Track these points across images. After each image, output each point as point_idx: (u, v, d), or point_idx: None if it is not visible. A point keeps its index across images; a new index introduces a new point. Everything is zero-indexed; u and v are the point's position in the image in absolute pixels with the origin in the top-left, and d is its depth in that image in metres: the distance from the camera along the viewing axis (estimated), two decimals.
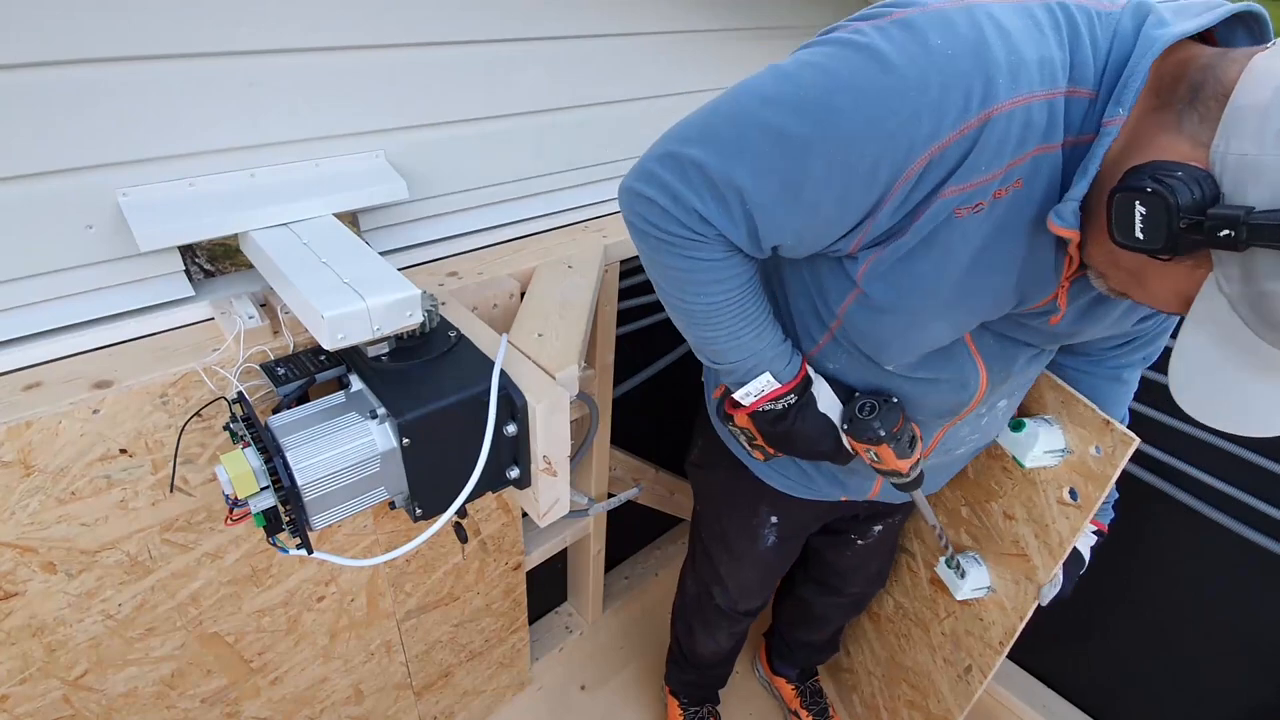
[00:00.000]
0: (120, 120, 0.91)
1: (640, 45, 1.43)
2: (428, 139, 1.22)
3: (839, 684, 2.16)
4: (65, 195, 0.91)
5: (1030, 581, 1.37)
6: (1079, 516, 1.23)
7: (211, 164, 1.01)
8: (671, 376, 1.98)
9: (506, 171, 1.37)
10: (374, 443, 0.91)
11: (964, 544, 1.53)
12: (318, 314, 0.86)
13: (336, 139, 1.12)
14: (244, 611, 1.22)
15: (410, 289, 0.92)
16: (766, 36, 1.65)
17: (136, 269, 1.01)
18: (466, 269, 1.32)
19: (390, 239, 1.27)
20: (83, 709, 1.11)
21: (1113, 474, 1.15)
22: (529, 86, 1.31)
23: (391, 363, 0.97)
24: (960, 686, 1.60)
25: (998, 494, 1.41)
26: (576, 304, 1.25)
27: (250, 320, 1.02)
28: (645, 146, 0.89)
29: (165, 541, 1.06)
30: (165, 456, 0.99)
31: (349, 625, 1.41)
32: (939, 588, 1.62)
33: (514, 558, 1.66)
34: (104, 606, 1.05)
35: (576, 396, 1.10)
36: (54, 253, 0.94)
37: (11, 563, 0.93)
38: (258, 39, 0.97)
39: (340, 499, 0.92)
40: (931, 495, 1.61)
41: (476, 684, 1.86)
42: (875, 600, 1.89)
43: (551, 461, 1.00)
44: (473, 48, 1.20)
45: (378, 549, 1.34)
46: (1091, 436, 1.18)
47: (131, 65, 0.90)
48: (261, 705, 1.36)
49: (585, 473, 1.82)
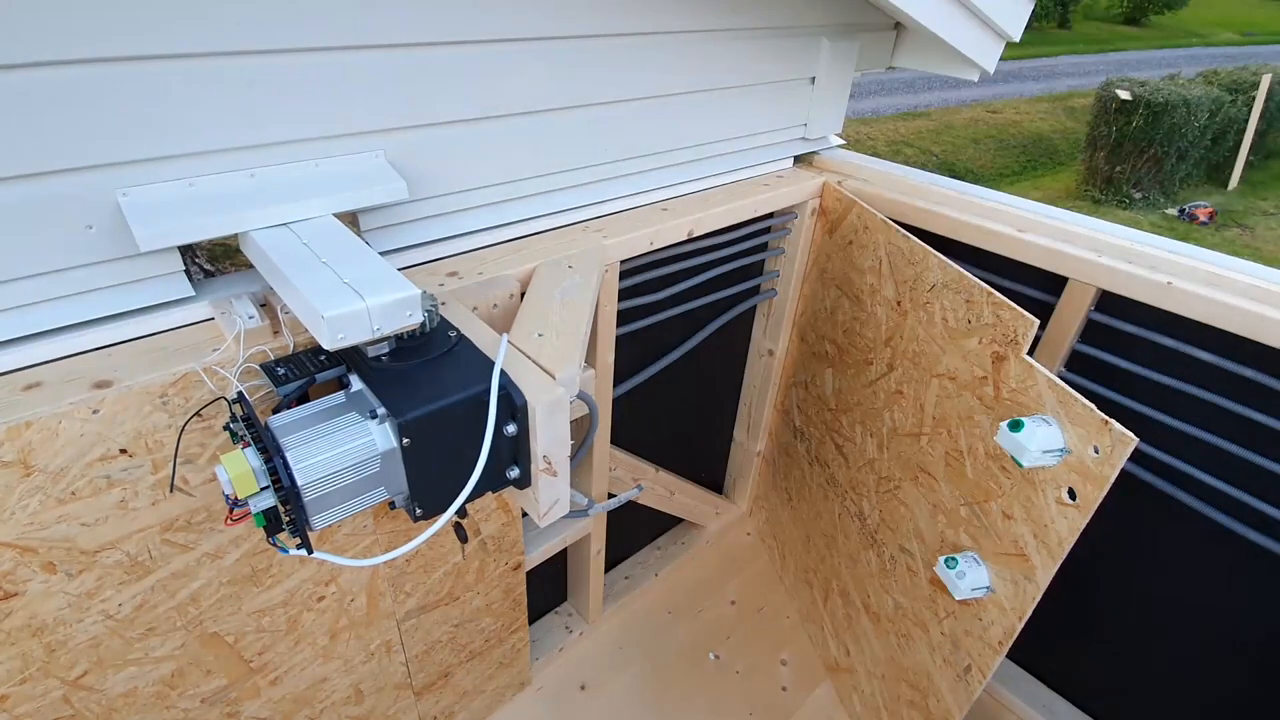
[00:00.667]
0: (120, 120, 0.91)
1: (640, 46, 1.43)
2: (428, 139, 1.23)
3: (839, 684, 2.16)
4: (65, 195, 0.92)
5: (1029, 581, 1.37)
6: (1078, 516, 1.23)
7: (211, 164, 1.01)
8: (672, 376, 1.98)
9: (506, 171, 1.37)
10: (374, 443, 0.91)
11: (963, 544, 1.53)
12: (318, 314, 0.86)
13: (336, 139, 1.12)
14: (244, 611, 1.22)
15: (410, 289, 0.92)
16: (766, 37, 1.65)
17: (136, 269, 1.01)
18: (466, 269, 1.32)
19: (390, 239, 1.27)
20: (83, 709, 1.11)
21: (1111, 474, 1.16)
22: (529, 86, 1.31)
23: (391, 363, 0.97)
24: (960, 686, 1.60)
25: (996, 494, 1.42)
26: (576, 304, 1.25)
27: (250, 320, 1.02)
28: (644, 147, 0.89)
29: (165, 541, 1.06)
30: (165, 456, 0.99)
31: (349, 625, 1.41)
32: (938, 588, 1.62)
33: (514, 558, 1.66)
34: (104, 606, 1.05)
35: (576, 396, 1.10)
36: (54, 253, 0.94)
37: (11, 563, 0.93)
38: (258, 39, 0.98)
39: (340, 499, 0.92)
40: (931, 495, 1.62)
41: (476, 684, 1.86)
42: (876, 600, 1.89)
43: (551, 461, 1.00)
44: (472, 48, 1.20)
45: (378, 549, 1.34)
46: (1090, 436, 1.18)
47: (131, 65, 0.90)
48: (261, 705, 1.36)
49: (585, 473, 1.82)
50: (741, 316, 2.12)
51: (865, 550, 1.95)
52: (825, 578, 2.20)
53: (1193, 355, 1.47)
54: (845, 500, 2.02)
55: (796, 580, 2.40)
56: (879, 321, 1.77)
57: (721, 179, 1.83)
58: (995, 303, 1.38)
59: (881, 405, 1.80)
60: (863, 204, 1.78)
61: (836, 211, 1.89)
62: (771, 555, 2.57)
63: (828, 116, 1.96)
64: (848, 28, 1.83)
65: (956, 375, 1.51)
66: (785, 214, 1.95)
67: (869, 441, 1.87)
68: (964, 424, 1.50)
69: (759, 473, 2.57)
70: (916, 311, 1.62)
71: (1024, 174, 10.17)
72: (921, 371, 1.62)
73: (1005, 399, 1.38)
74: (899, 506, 1.76)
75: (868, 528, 1.92)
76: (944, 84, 12.76)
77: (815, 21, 1.74)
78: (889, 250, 1.69)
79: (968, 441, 1.50)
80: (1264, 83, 9.27)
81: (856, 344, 1.88)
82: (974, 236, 1.71)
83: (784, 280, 2.08)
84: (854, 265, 1.84)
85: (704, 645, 2.27)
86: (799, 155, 2.03)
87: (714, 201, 1.73)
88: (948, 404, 1.55)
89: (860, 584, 1.99)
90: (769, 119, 1.83)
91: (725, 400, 2.42)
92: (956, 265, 1.48)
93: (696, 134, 1.66)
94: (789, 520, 2.42)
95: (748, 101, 1.73)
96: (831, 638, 2.20)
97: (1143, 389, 1.56)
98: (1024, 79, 13.91)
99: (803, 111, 1.91)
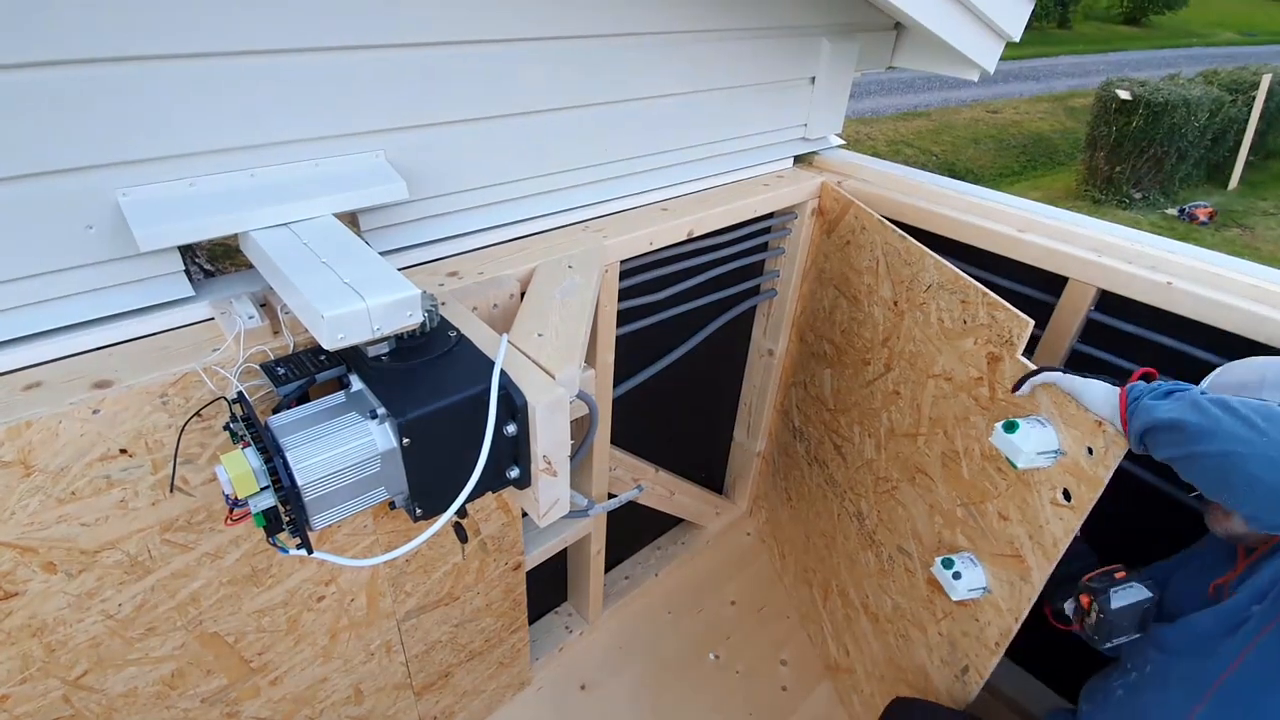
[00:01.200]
0: (120, 120, 0.91)
1: (640, 46, 1.43)
2: (428, 139, 1.23)
3: (839, 684, 2.16)
4: (65, 195, 0.92)
5: (1025, 582, 1.37)
6: (1072, 517, 1.23)
7: (211, 164, 1.01)
8: (672, 376, 1.98)
9: (506, 171, 1.37)
10: (374, 443, 0.92)
11: (960, 544, 1.53)
12: (318, 314, 0.86)
13: (336, 139, 1.12)
14: (244, 611, 1.22)
15: (410, 289, 0.92)
16: (765, 37, 1.65)
17: (137, 269, 1.01)
18: (467, 269, 1.32)
19: (390, 239, 1.27)
20: (83, 709, 1.11)
21: (1105, 475, 1.16)
22: (529, 86, 1.31)
23: (391, 363, 0.97)
24: (957, 687, 1.60)
25: (992, 494, 1.42)
26: (576, 304, 1.25)
27: (250, 320, 1.03)
28: (645, 147, 0.89)
29: (165, 541, 1.06)
30: (165, 456, 0.99)
31: (349, 625, 1.41)
32: (936, 588, 1.62)
33: (514, 558, 1.67)
34: (104, 606, 1.05)
35: (576, 396, 1.11)
36: (54, 253, 0.94)
37: (11, 563, 0.93)
38: (258, 39, 0.98)
39: (340, 499, 0.92)
40: (928, 496, 1.62)
41: (476, 684, 1.86)
42: (874, 600, 1.89)
43: (551, 461, 1.00)
44: (472, 48, 1.20)
45: (378, 549, 1.34)
46: (1084, 437, 1.18)
47: (131, 65, 0.90)
48: (261, 705, 1.37)
49: (585, 473, 1.82)
50: (741, 316, 2.12)
51: (864, 550, 1.95)
52: (825, 578, 2.20)
53: (1193, 355, 1.47)
54: (844, 500, 2.03)
55: (796, 580, 2.41)
56: (876, 322, 1.77)
57: (721, 179, 1.84)
58: (990, 303, 1.38)
59: (879, 406, 1.80)
60: (859, 204, 1.78)
61: (834, 211, 1.90)
62: (771, 555, 2.58)
63: (828, 116, 1.96)
64: (848, 28, 1.83)
65: (953, 376, 1.51)
66: (785, 214, 1.95)
67: (867, 442, 1.87)
68: (960, 425, 1.50)
69: (759, 473, 2.57)
70: (913, 312, 1.62)
71: (1024, 174, 10.17)
72: (918, 372, 1.63)
73: (1001, 400, 1.38)
74: (897, 507, 1.77)
75: (866, 528, 1.92)
76: (944, 84, 12.75)
77: (815, 21, 1.74)
78: (886, 250, 1.69)
79: (964, 442, 1.50)
80: (1264, 83, 9.27)
81: (854, 344, 1.88)
82: (974, 236, 1.71)
83: (784, 280, 2.08)
84: (852, 265, 1.84)
85: (704, 645, 2.28)
86: (799, 155, 2.03)
87: (714, 201, 1.73)
88: (944, 404, 1.55)
89: (859, 584, 2.00)
90: (769, 119, 1.83)
91: (725, 400, 2.42)
92: (952, 265, 1.48)
93: (696, 134, 1.66)
94: (789, 520, 2.42)
95: (748, 101, 1.73)
96: (831, 638, 2.20)
97: None
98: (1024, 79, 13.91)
99: (803, 111, 1.91)
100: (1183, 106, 8.25)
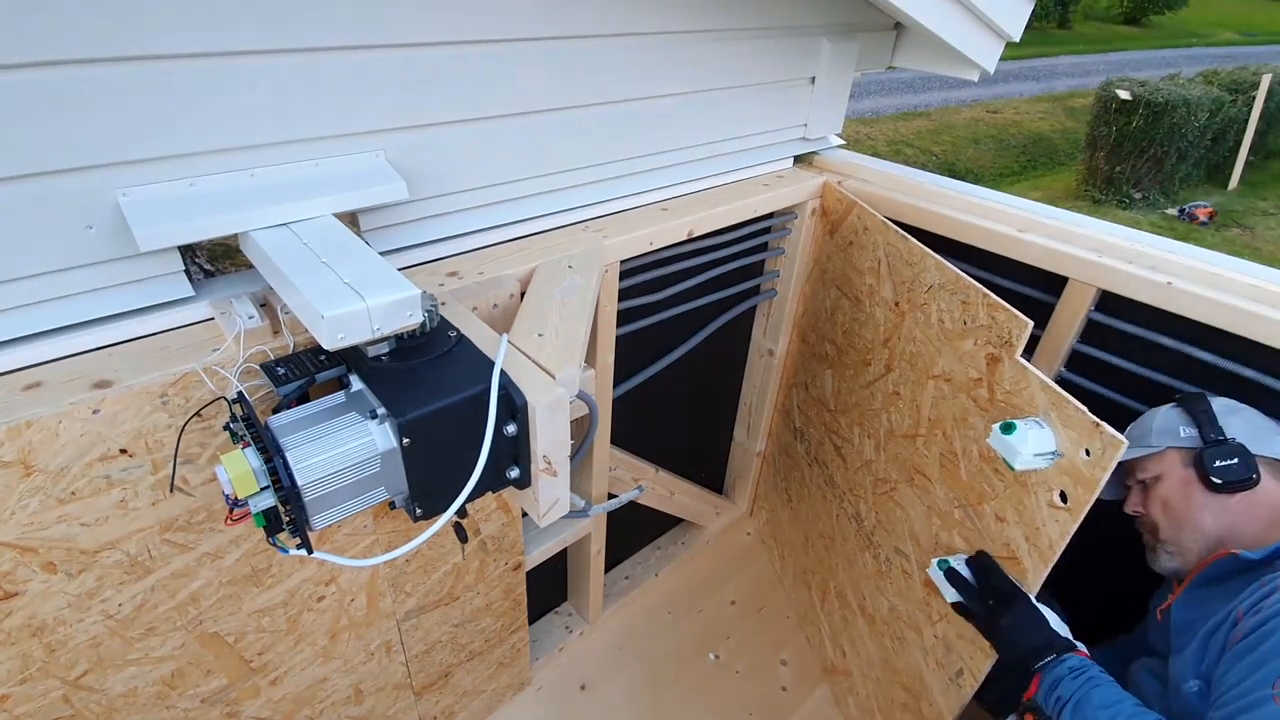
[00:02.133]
0: (120, 120, 0.91)
1: (640, 46, 1.43)
2: (428, 139, 1.23)
3: (835, 686, 2.16)
4: (65, 195, 0.92)
5: (1021, 584, 1.37)
6: (1069, 519, 1.23)
7: (211, 164, 1.01)
8: (672, 376, 1.98)
9: (506, 171, 1.37)
10: (374, 443, 0.92)
11: (957, 546, 1.53)
12: (318, 314, 0.86)
13: (336, 139, 1.12)
14: (244, 611, 1.22)
15: (410, 289, 0.92)
16: (765, 37, 1.65)
17: (136, 269, 1.01)
18: (467, 269, 1.32)
19: (390, 239, 1.27)
20: (83, 709, 1.11)
21: (1102, 476, 1.15)
22: (529, 86, 1.31)
23: (391, 363, 0.97)
24: (952, 690, 1.60)
25: (990, 496, 1.42)
26: (576, 304, 1.25)
27: (250, 320, 1.03)
28: (645, 147, 0.89)
29: (165, 541, 1.06)
30: (165, 456, 0.99)
31: (349, 625, 1.41)
32: (931, 590, 1.62)
33: (514, 558, 1.67)
34: (104, 606, 1.05)
35: (576, 396, 1.11)
36: (54, 253, 0.94)
37: (11, 563, 0.93)
38: (257, 39, 0.98)
39: (340, 499, 0.92)
40: (926, 498, 1.62)
41: (476, 684, 1.86)
42: (872, 602, 1.89)
43: (551, 461, 1.00)
44: (472, 48, 1.20)
45: (378, 549, 1.34)
46: (1081, 439, 1.18)
47: (131, 65, 0.90)
48: (261, 705, 1.37)
49: (585, 473, 1.82)
50: (742, 317, 2.12)
51: (862, 552, 1.95)
52: (823, 579, 2.20)
53: (1193, 355, 1.47)
54: (843, 501, 2.03)
55: (795, 581, 2.41)
56: (877, 322, 1.77)
57: (722, 179, 1.84)
58: (990, 304, 1.38)
59: (879, 406, 1.80)
60: (863, 204, 1.78)
61: (837, 212, 1.90)
62: (771, 555, 2.58)
63: (828, 116, 1.96)
64: (848, 28, 1.83)
65: (952, 377, 1.51)
66: (785, 214, 1.95)
67: (866, 443, 1.87)
68: (959, 426, 1.50)
69: (759, 473, 2.57)
70: (914, 312, 1.62)
71: (1024, 174, 10.18)
72: (918, 373, 1.62)
73: (999, 401, 1.38)
74: (895, 508, 1.77)
75: (864, 529, 1.92)
76: (944, 84, 12.76)
77: (815, 21, 1.74)
78: (887, 251, 1.69)
79: (962, 443, 1.50)
80: (1264, 83, 9.28)
81: (855, 345, 1.88)
82: (974, 236, 1.71)
83: (784, 280, 2.08)
84: (854, 266, 1.84)
85: (704, 645, 2.28)
86: (799, 155, 2.03)
87: (714, 201, 1.73)
88: (943, 406, 1.55)
89: (857, 586, 1.99)
90: (769, 119, 1.83)
91: (725, 400, 2.42)
92: (953, 266, 1.48)
93: (696, 134, 1.66)
94: (789, 521, 2.42)
95: (748, 101, 1.73)
96: (829, 639, 2.20)
97: (1143, 389, 1.56)
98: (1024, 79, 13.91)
99: (803, 111, 1.91)
100: (1183, 106, 8.25)
